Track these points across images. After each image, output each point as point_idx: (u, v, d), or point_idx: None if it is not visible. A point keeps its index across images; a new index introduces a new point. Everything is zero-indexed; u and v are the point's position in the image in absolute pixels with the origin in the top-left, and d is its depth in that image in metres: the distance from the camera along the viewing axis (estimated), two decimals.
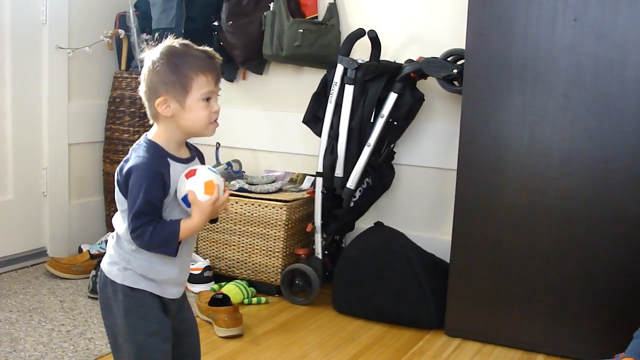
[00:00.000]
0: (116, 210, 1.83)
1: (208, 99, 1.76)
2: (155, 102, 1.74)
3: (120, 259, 1.79)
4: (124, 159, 1.76)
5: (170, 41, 1.77)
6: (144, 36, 3.94)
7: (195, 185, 1.73)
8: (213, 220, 1.85)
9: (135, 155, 1.74)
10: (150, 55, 1.76)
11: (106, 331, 1.88)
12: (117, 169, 1.76)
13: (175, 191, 1.75)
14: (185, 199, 1.73)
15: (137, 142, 1.79)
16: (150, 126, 1.84)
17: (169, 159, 1.76)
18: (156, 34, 3.66)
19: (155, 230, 1.70)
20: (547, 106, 2.75)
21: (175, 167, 1.75)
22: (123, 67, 4.02)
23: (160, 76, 1.72)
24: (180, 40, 1.78)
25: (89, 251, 3.62)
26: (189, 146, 1.86)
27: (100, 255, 3.46)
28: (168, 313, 1.85)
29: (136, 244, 1.74)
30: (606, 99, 2.66)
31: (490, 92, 2.84)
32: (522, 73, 2.77)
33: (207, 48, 1.79)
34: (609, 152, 2.68)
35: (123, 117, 3.91)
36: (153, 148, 1.76)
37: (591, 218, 2.72)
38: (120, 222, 1.80)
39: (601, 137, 2.68)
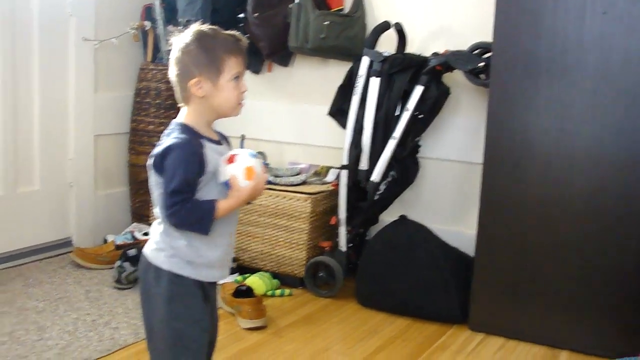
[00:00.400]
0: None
1: (237, 79, 1.82)
2: (189, 83, 1.79)
3: (167, 246, 1.81)
4: (157, 144, 1.79)
5: (199, 26, 1.84)
6: (170, 28, 3.92)
7: (237, 170, 1.79)
8: (248, 203, 1.88)
9: (169, 138, 1.77)
10: (180, 40, 1.82)
11: (143, 318, 1.90)
12: (151, 154, 1.79)
13: (211, 171, 1.78)
14: (226, 183, 1.79)
15: (168, 128, 1.83)
16: (173, 118, 1.87)
17: (202, 140, 1.80)
18: (184, 22, 3.67)
19: (193, 208, 1.74)
20: (574, 100, 2.72)
21: (209, 148, 1.79)
22: (149, 58, 4.03)
23: (193, 58, 1.79)
24: (208, 26, 1.85)
25: (114, 242, 3.64)
26: (215, 131, 1.91)
27: (126, 246, 3.49)
28: (208, 301, 1.88)
29: (170, 221, 1.76)
30: (635, 93, 2.63)
31: (517, 86, 2.82)
32: (550, 67, 2.75)
33: (234, 32, 1.85)
34: (637, 147, 2.65)
35: (149, 108, 3.93)
36: (187, 129, 1.80)
37: (618, 212, 2.70)
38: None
39: (629, 132, 2.66)
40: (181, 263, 1.81)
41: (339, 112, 3.40)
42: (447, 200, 3.56)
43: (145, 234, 3.71)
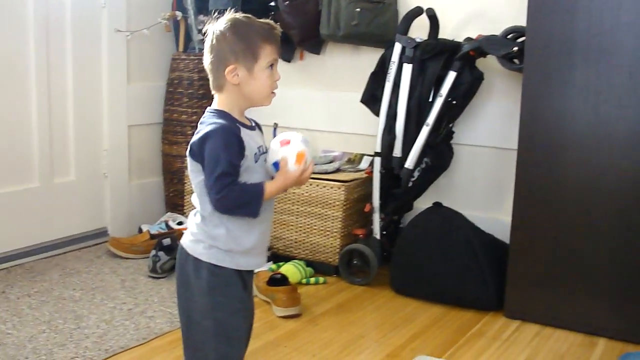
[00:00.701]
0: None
1: (271, 67, 1.82)
2: (225, 70, 1.79)
3: (206, 236, 1.81)
4: (196, 132, 1.79)
5: (233, 14, 1.84)
6: (201, 17, 3.95)
7: (289, 153, 1.80)
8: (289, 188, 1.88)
9: (207, 124, 1.78)
10: (214, 27, 1.82)
11: (179, 308, 1.90)
12: (190, 142, 1.79)
13: (249, 155, 1.78)
14: (276, 164, 1.80)
15: (203, 117, 1.83)
16: (205, 108, 1.87)
17: (237, 124, 1.80)
18: (216, 11, 3.67)
19: (242, 190, 1.75)
20: (611, 84, 2.68)
21: (244, 133, 1.79)
22: (181, 48, 4.05)
23: (229, 45, 1.78)
24: (242, 13, 1.85)
25: (148, 231, 3.67)
26: (247, 118, 1.91)
27: (160, 236, 3.51)
28: (245, 289, 1.88)
29: (219, 205, 1.75)
30: None
31: (552, 70, 2.79)
32: (586, 50, 2.71)
33: (268, 20, 1.85)
34: None
35: (181, 98, 3.94)
36: (223, 115, 1.80)
37: None
38: (202, 199, 1.81)
39: None
40: (220, 253, 1.80)
41: (371, 99, 3.39)
42: (482, 187, 3.53)
43: (180, 223, 3.73)
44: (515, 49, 3.05)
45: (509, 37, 3.15)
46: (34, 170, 3.48)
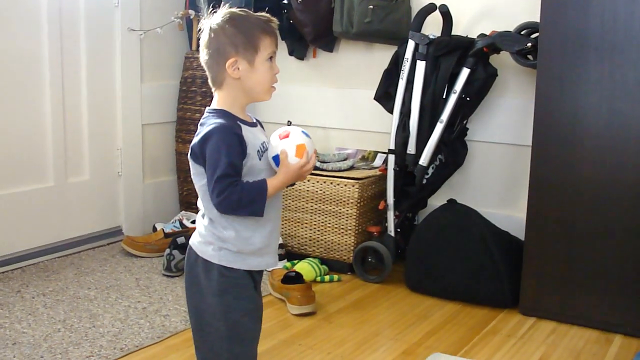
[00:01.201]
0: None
1: (271, 60, 1.80)
2: (225, 64, 1.76)
3: (215, 238, 1.78)
4: (196, 134, 1.77)
5: (228, 8, 1.82)
6: None
7: (288, 146, 1.78)
8: (291, 184, 1.85)
9: (206, 125, 1.75)
10: (211, 22, 1.80)
11: (189, 310, 1.88)
12: (191, 145, 1.77)
13: (251, 153, 1.76)
14: (276, 158, 1.78)
15: (203, 117, 1.80)
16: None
17: (239, 122, 1.78)
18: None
19: (244, 189, 1.71)
20: (626, 79, 2.66)
21: (245, 130, 1.77)
22: (194, 47, 4.04)
23: (229, 38, 1.76)
24: (236, 7, 1.84)
25: (163, 230, 3.67)
26: (249, 115, 1.89)
27: (174, 234, 3.52)
28: (256, 289, 1.86)
29: (221, 207, 1.72)
30: None
31: (566, 66, 2.77)
32: (600, 45, 2.69)
33: (265, 13, 1.83)
34: None
35: (195, 97, 3.94)
36: (223, 114, 1.78)
37: None
38: (208, 201, 1.78)
39: None
40: (230, 255, 1.78)
41: (385, 96, 3.38)
42: (497, 184, 3.52)
43: (194, 221, 3.74)
44: (529, 45, 3.04)
45: (522, 33, 3.14)
46: (48, 169, 3.49)
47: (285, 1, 3.75)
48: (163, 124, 4.07)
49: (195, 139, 1.75)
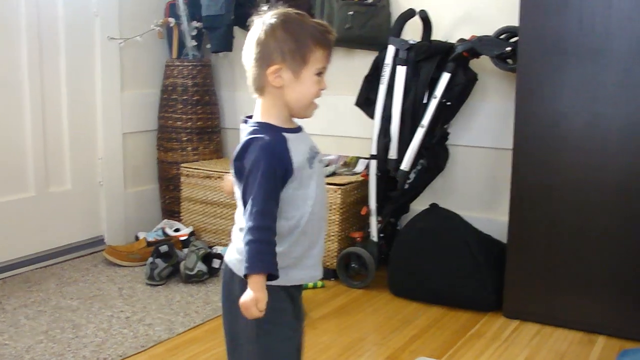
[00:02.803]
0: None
1: (319, 75, 1.66)
2: (267, 70, 1.61)
3: None
4: (239, 148, 1.62)
5: (285, 8, 1.67)
6: (194, 24, 3.95)
7: None
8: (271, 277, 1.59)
9: (251, 141, 1.60)
10: (263, 21, 1.64)
11: (224, 328, 1.76)
12: (235, 164, 1.63)
13: (300, 165, 1.63)
14: None
15: (248, 131, 1.64)
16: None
17: (284, 134, 1.63)
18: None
19: (260, 251, 1.55)
20: (605, 81, 2.68)
21: (293, 141, 1.63)
22: (174, 55, 4.04)
23: (278, 43, 1.61)
24: (295, 9, 1.68)
25: (145, 239, 3.66)
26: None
27: (157, 243, 3.50)
28: (295, 309, 1.75)
29: (248, 230, 1.56)
30: None
31: (546, 69, 2.79)
32: (578, 48, 2.71)
33: (323, 22, 1.70)
34: None
35: (176, 105, 3.93)
36: (266, 128, 1.63)
37: None
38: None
39: None
40: None
41: (366, 102, 3.38)
42: (478, 187, 3.53)
43: (177, 230, 3.73)
44: (509, 49, 3.06)
45: (502, 37, 3.16)
46: (29, 179, 3.47)
47: (264, 7, 3.74)
48: (144, 132, 4.05)
49: (239, 155, 1.61)
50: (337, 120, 3.81)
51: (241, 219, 1.64)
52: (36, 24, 3.43)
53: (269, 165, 1.57)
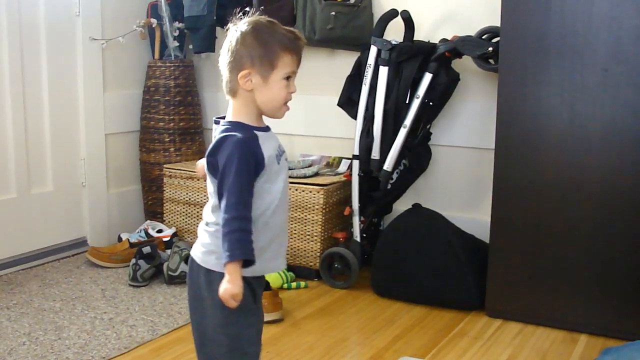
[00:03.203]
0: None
1: (288, 79, 1.76)
2: (238, 75, 1.72)
3: (219, 247, 1.68)
4: (212, 146, 1.72)
5: (257, 16, 1.78)
6: (176, 24, 3.94)
7: None
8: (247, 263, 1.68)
9: (224, 139, 1.70)
10: (236, 28, 1.75)
11: (192, 322, 1.83)
12: (208, 160, 1.72)
13: (270, 162, 1.73)
14: None
15: (220, 130, 1.76)
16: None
17: (255, 132, 1.74)
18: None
19: (240, 240, 1.64)
20: (586, 81, 2.70)
21: (263, 139, 1.73)
22: (157, 56, 4.03)
23: (248, 49, 1.71)
24: (267, 17, 1.78)
25: (128, 240, 3.65)
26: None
27: (140, 244, 3.49)
28: (255, 301, 1.81)
29: (224, 224, 1.65)
30: None
31: (527, 69, 2.80)
32: (560, 48, 2.73)
33: (293, 29, 1.79)
34: None
35: (158, 105, 3.93)
36: (239, 127, 1.74)
37: (633, 195, 2.67)
38: (216, 209, 1.73)
39: None
40: None
41: (348, 102, 3.39)
42: (461, 187, 3.54)
43: (159, 231, 3.72)
44: (491, 49, 3.07)
45: (483, 37, 3.17)
46: (10, 181, 3.46)
47: (247, 9, 3.74)
48: (126, 133, 4.04)
49: (212, 152, 1.71)
50: (319, 121, 3.82)
51: (209, 215, 1.77)
52: (17, 25, 3.42)
53: (244, 159, 1.67)
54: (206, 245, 1.77)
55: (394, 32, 3.33)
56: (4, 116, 3.40)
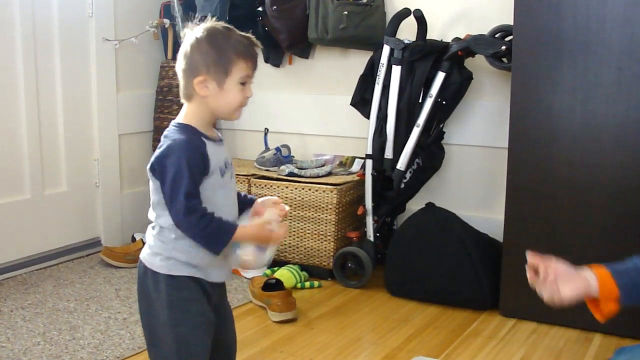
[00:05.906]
0: None
1: (244, 84, 1.76)
2: (194, 81, 1.73)
3: (163, 249, 1.76)
4: (158, 147, 1.75)
5: (213, 23, 1.78)
6: (189, 24, 3.94)
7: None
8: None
9: (170, 139, 1.73)
10: (192, 34, 1.76)
11: (142, 324, 1.86)
12: (151, 160, 1.75)
13: (214, 170, 1.75)
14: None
15: (167, 130, 1.78)
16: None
17: (203, 138, 1.75)
18: (199, 17, 3.67)
19: (214, 224, 1.70)
20: (600, 79, 2.69)
21: (210, 147, 1.75)
22: (169, 56, 4.04)
23: (202, 56, 1.73)
24: (223, 24, 1.79)
25: (142, 240, 3.65)
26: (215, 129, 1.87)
27: None
28: (209, 302, 1.82)
29: (181, 226, 1.71)
30: None
31: (541, 68, 2.79)
32: (573, 46, 2.72)
33: (248, 34, 1.79)
34: None
35: (171, 106, 3.93)
36: (188, 130, 1.75)
37: None
38: (159, 212, 1.77)
39: None
40: (178, 265, 1.75)
41: (361, 101, 3.39)
42: (474, 186, 3.53)
43: None
44: (504, 47, 3.06)
45: (496, 36, 3.16)
46: (25, 181, 3.47)
47: (260, 9, 3.75)
48: (140, 133, 4.05)
49: (157, 153, 1.73)
50: (332, 120, 3.82)
51: (151, 213, 1.81)
52: (31, 26, 3.43)
53: (191, 159, 1.69)
54: (152, 247, 1.80)
55: (407, 32, 3.32)
56: (18, 117, 3.42)
